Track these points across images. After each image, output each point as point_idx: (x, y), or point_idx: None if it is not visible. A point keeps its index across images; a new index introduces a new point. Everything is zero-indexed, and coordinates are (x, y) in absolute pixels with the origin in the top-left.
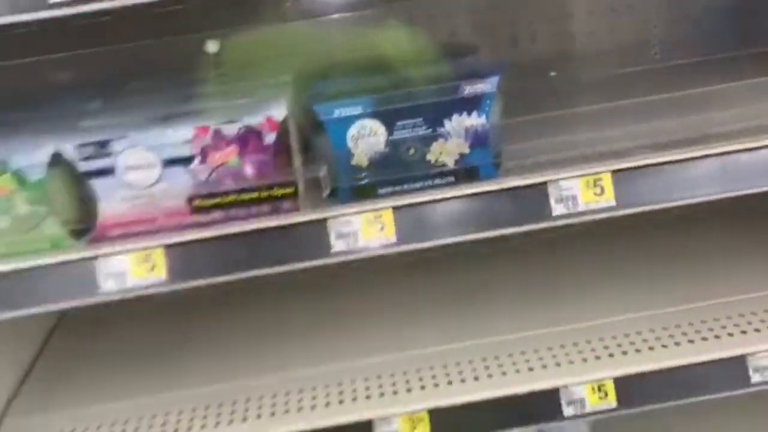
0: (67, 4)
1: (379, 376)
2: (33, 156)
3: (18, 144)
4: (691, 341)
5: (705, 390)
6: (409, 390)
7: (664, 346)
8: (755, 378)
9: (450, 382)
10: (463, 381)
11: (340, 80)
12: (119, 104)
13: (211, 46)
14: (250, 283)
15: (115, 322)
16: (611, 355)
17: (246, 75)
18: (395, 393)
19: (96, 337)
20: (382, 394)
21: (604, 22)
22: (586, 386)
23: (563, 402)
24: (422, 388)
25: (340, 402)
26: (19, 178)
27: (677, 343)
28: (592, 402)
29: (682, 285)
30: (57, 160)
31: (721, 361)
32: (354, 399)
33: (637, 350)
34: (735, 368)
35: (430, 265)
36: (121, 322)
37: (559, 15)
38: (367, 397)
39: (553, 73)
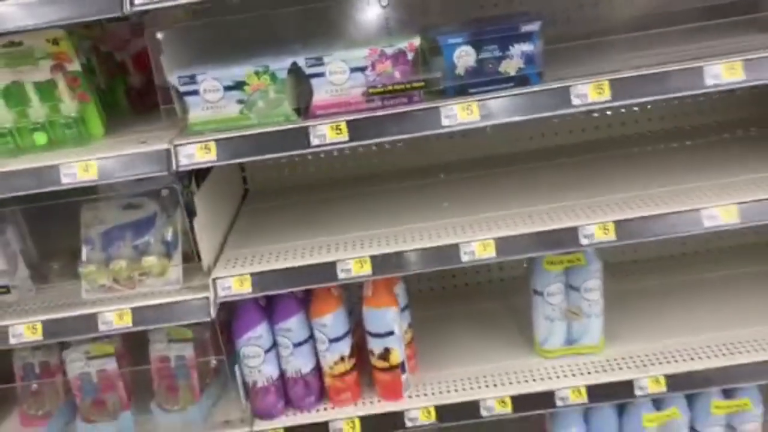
0: None
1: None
2: (281, 64)
3: (271, 57)
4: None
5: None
6: (480, 228)
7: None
8: None
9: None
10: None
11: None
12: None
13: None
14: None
15: (282, 194)
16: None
17: None
18: (474, 229)
19: (271, 203)
20: (464, 231)
21: None
22: (596, 226)
23: (580, 235)
24: (490, 228)
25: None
26: (272, 76)
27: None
28: (598, 236)
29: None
30: (294, 67)
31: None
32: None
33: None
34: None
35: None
36: (286, 194)
37: None
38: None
39: None
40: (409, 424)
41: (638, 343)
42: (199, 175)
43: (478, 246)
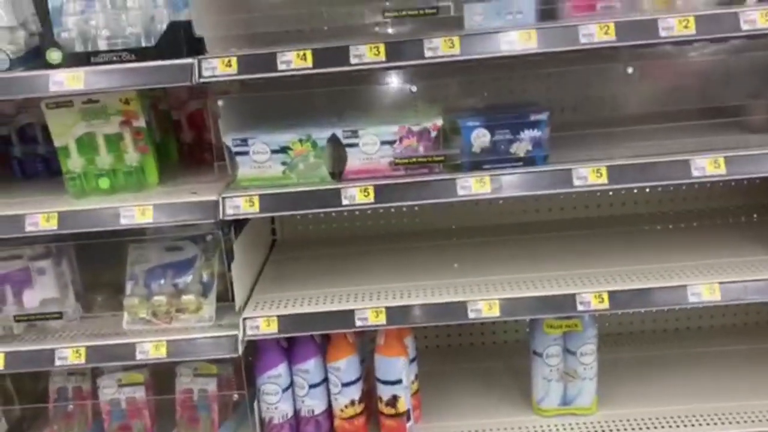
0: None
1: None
2: (321, 133)
3: (314, 127)
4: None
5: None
6: (487, 289)
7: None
8: None
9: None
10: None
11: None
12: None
13: (412, 88)
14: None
15: (307, 245)
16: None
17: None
18: (480, 289)
19: (297, 253)
20: (472, 290)
21: None
22: (592, 294)
23: (577, 302)
24: (496, 289)
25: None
26: (314, 143)
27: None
28: (594, 303)
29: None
30: (333, 137)
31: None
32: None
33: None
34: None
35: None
36: (311, 246)
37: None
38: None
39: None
40: None
41: (629, 408)
42: (238, 224)
43: (484, 305)
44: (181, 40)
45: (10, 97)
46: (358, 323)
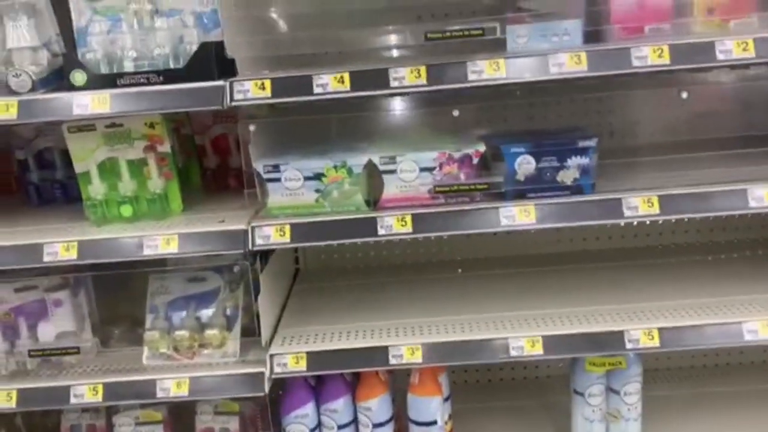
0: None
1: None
2: (357, 160)
3: (350, 153)
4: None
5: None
6: (528, 325)
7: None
8: None
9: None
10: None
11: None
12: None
13: (455, 112)
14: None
15: (332, 275)
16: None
17: None
18: (522, 325)
19: (322, 283)
20: (512, 326)
21: None
22: (642, 331)
23: (626, 339)
24: (539, 325)
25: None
26: (349, 170)
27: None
28: (643, 341)
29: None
30: (369, 163)
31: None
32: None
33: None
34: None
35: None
36: (336, 275)
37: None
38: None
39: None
40: None
41: None
42: (263, 254)
43: (527, 342)
44: (211, 61)
45: (32, 120)
46: (393, 361)
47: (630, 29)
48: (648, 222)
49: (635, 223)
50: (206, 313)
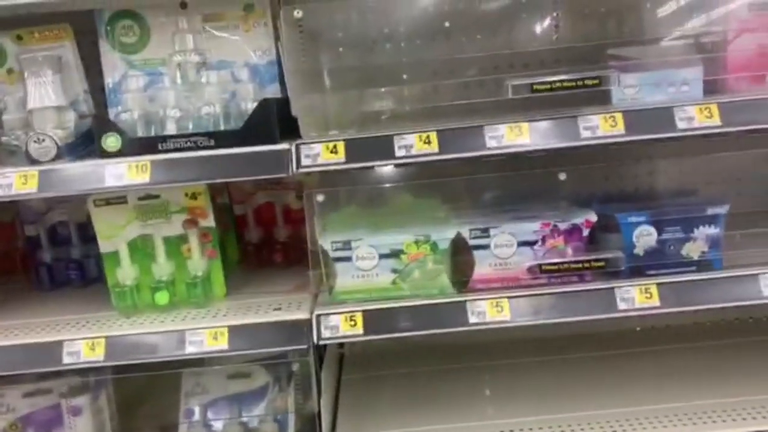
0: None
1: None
2: (443, 234)
3: (434, 226)
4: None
5: None
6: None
7: None
8: None
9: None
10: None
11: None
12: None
13: (561, 176)
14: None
15: (383, 360)
16: None
17: None
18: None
19: (371, 372)
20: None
21: None
22: None
23: None
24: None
25: None
26: (433, 246)
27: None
28: None
29: None
30: (457, 237)
31: None
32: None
33: None
34: None
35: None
36: (389, 360)
37: None
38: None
39: None
40: None
41: None
42: (318, 346)
43: None
44: (273, 121)
45: (57, 193)
46: None
47: (751, 79)
48: None
49: None
50: (254, 417)
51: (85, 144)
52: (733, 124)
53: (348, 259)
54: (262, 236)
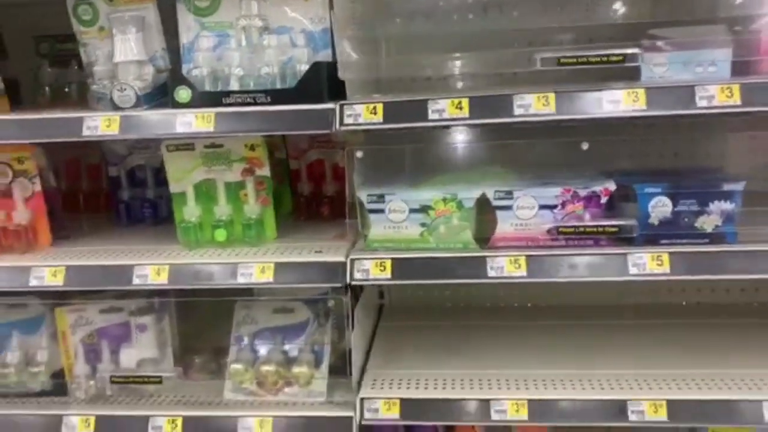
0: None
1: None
2: (469, 193)
3: (462, 185)
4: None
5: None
6: (649, 386)
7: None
8: None
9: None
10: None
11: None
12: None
13: (584, 145)
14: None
15: (420, 312)
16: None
17: None
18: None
19: (410, 321)
20: (630, 386)
21: None
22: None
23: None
24: (660, 387)
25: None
26: (459, 204)
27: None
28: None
29: None
30: (482, 197)
31: None
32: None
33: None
34: None
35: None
36: (424, 313)
37: None
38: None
39: None
40: None
41: None
42: (354, 288)
43: (648, 406)
44: (322, 82)
45: (134, 135)
46: (495, 416)
47: None
48: None
49: None
50: (294, 347)
51: (161, 95)
52: (753, 104)
53: (381, 211)
54: (313, 190)
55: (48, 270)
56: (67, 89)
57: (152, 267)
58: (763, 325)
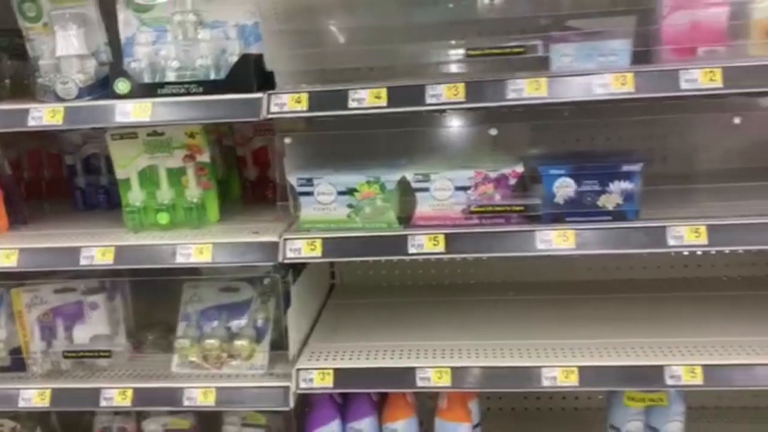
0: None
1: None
2: (391, 176)
3: (384, 169)
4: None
5: None
6: (564, 355)
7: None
8: None
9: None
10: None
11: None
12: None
13: (492, 131)
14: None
15: (367, 292)
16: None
17: None
18: (557, 354)
19: (356, 300)
20: (547, 355)
21: None
22: (684, 368)
23: (666, 375)
24: (574, 355)
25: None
26: (382, 186)
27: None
28: (685, 378)
29: None
30: (402, 180)
31: None
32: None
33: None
34: None
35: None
36: (371, 292)
37: None
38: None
39: None
40: None
41: None
42: (296, 267)
43: (560, 372)
44: (251, 74)
45: (76, 126)
46: (420, 383)
47: (682, 51)
48: (699, 252)
49: (686, 252)
50: (237, 323)
51: (103, 88)
52: (645, 91)
53: (310, 194)
54: (259, 175)
55: (2, 252)
56: (26, 82)
57: (98, 249)
58: (672, 298)
